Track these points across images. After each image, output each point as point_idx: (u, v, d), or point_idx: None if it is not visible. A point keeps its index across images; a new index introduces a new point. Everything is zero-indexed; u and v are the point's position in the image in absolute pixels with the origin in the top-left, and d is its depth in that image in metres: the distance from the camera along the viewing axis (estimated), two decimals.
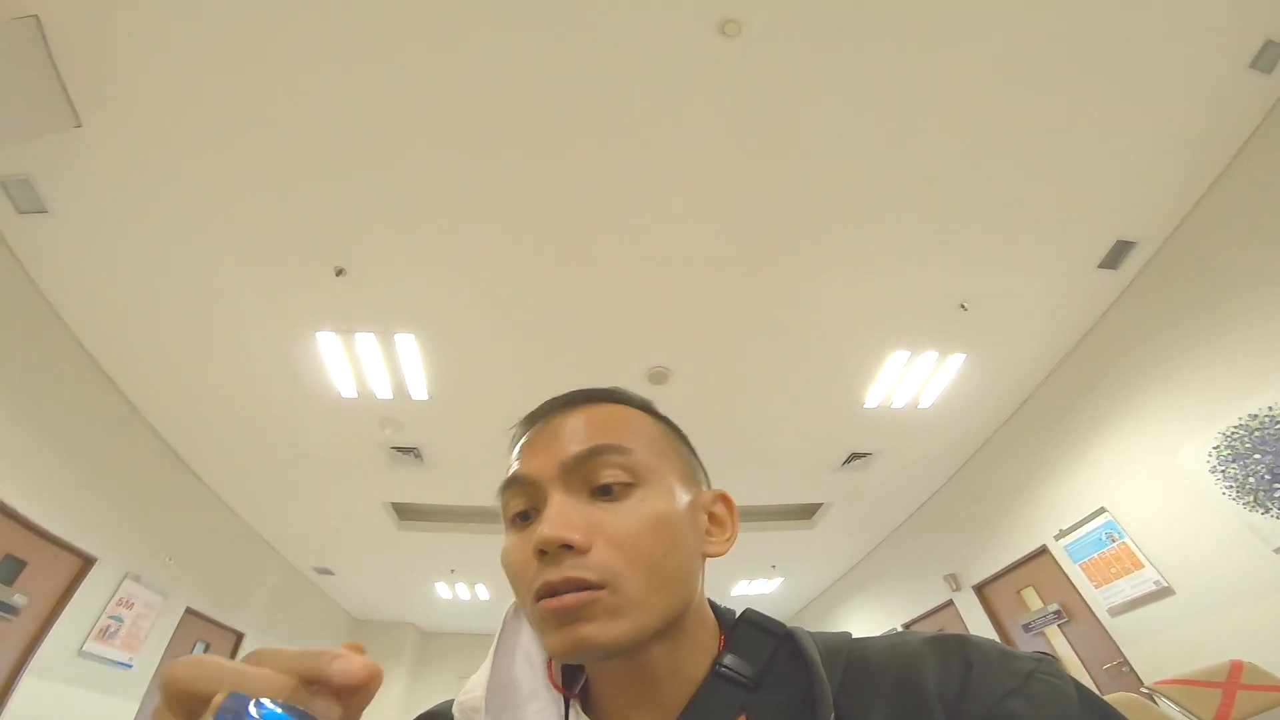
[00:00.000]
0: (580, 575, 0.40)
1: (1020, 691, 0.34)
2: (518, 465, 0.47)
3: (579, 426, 0.48)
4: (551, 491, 0.44)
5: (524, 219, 2.73)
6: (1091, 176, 2.78)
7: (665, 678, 0.43)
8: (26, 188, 2.52)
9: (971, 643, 0.39)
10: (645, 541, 0.42)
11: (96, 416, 3.62)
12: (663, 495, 0.45)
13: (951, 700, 0.35)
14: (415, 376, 3.49)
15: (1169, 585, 3.21)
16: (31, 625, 3.28)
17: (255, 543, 5.54)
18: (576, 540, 0.40)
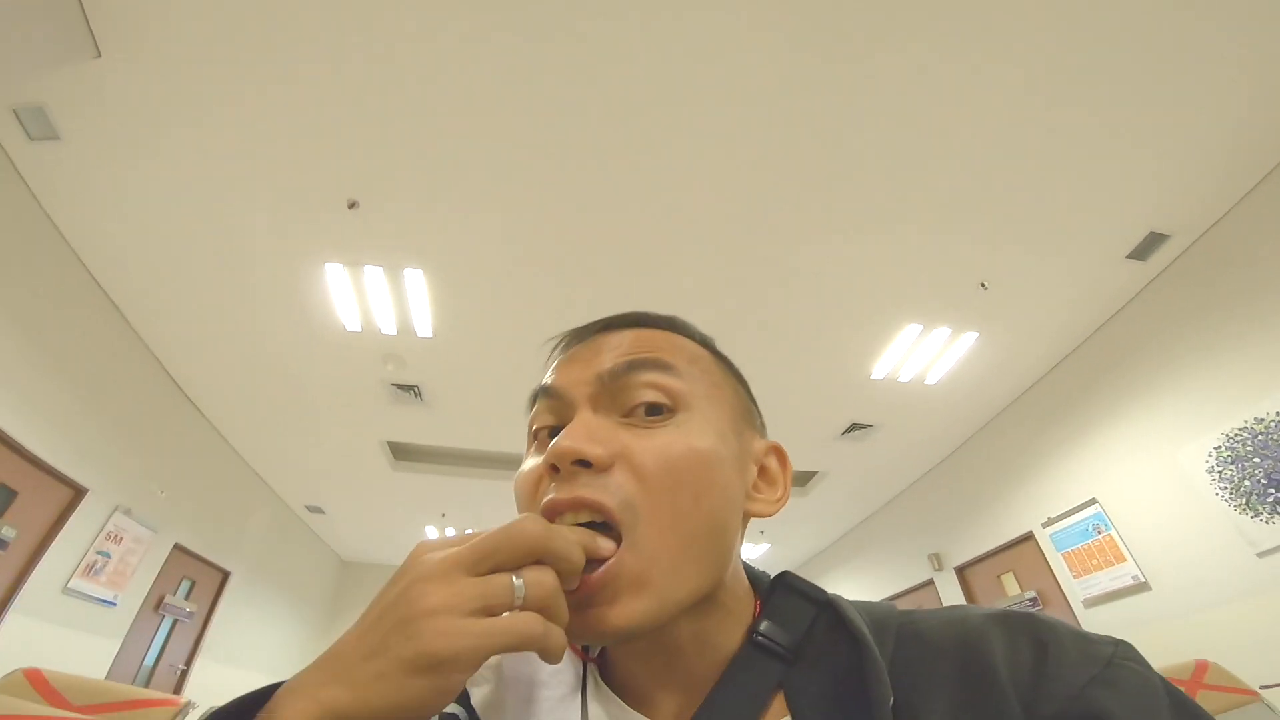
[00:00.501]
0: (591, 495, 0.35)
1: (1103, 680, 0.31)
2: (549, 378, 0.43)
3: (623, 342, 0.43)
4: (580, 407, 0.40)
5: (540, 162, 2.67)
6: (1131, 166, 2.71)
7: (691, 651, 0.39)
8: (40, 115, 2.52)
9: (1042, 621, 0.35)
10: (674, 477, 0.36)
11: (99, 343, 3.57)
12: (705, 430, 0.39)
13: (1025, 686, 0.31)
14: (421, 313, 3.46)
15: (1147, 581, 3.26)
16: (18, 561, 3.24)
17: (248, 478, 5.54)
18: (596, 455, 0.36)
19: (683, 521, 0.36)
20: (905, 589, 5.59)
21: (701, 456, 0.38)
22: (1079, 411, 3.83)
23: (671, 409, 0.39)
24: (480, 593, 0.28)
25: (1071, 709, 0.30)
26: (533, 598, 0.29)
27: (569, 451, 0.35)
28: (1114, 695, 0.30)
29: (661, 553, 0.35)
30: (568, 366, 0.43)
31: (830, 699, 0.35)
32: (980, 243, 3.07)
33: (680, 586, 0.35)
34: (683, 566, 0.35)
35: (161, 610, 4.53)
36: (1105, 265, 3.24)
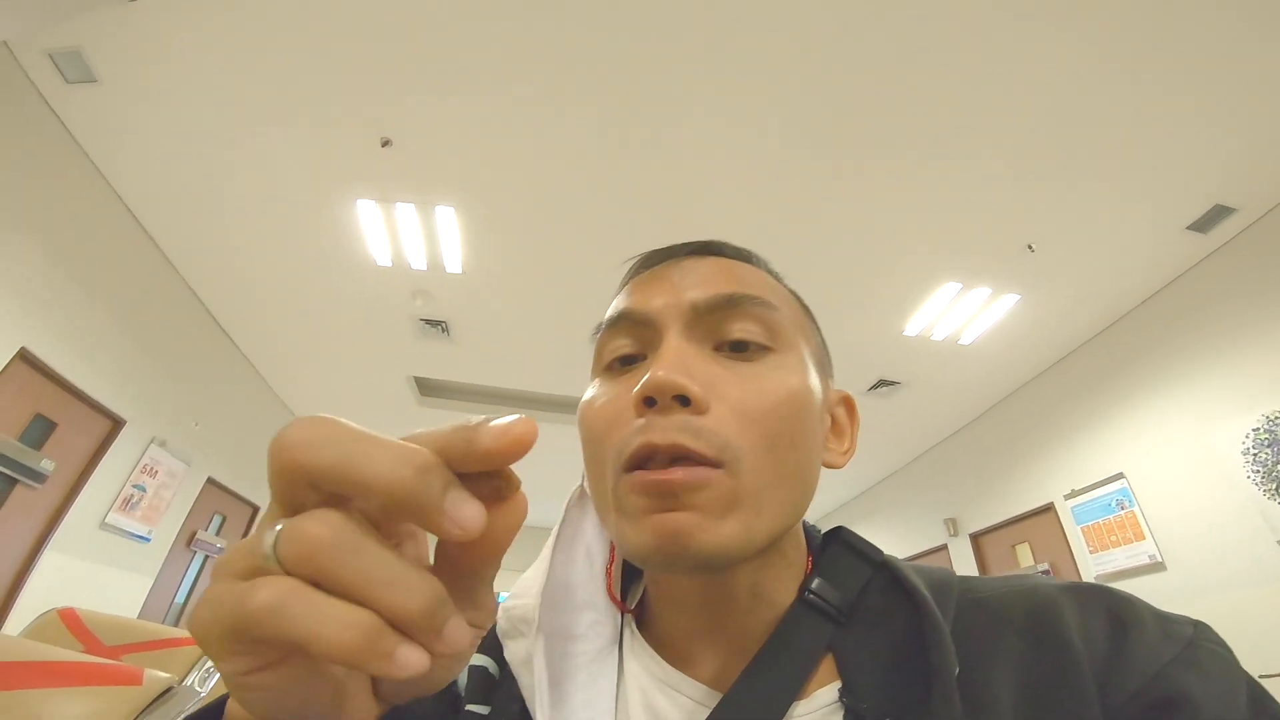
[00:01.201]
0: (691, 443, 0.32)
1: (1184, 660, 0.30)
2: (630, 300, 0.40)
3: (715, 271, 0.40)
4: (669, 333, 0.36)
5: (577, 102, 2.64)
6: (1201, 136, 2.59)
7: (744, 602, 0.36)
8: (76, 59, 2.55)
9: (1119, 595, 0.33)
10: (774, 417, 0.34)
11: (136, 277, 3.62)
12: (800, 370, 0.37)
13: (1102, 662, 0.30)
14: (451, 249, 3.49)
15: (1163, 561, 3.25)
16: (56, 495, 3.33)
17: (279, 411, 5.65)
18: (696, 393, 0.33)
19: (779, 465, 0.34)
20: (917, 552, 5.63)
21: (800, 400, 0.36)
22: (1115, 382, 3.75)
23: (769, 348, 0.37)
24: (240, 549, 0.19)
25: (1152, 688, 0.29)
26: (286, 555, 0.18)
27: (670, 385, 0.32)
28: (1197, 677, 0.29)
29: (758, 487, 0.33)
30: (650, 290, 0.40)
31: (885, 665, 0.33)
32: (1032, 204, 2.96)
33: (769, 519, 0.34)
34: (774, 502, 0.34)
35: (193, 546, 4.65)
36: (1163, 235, 3.13)
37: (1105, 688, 0.29)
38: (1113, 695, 0.29)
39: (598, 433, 0.36)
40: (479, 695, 0.38)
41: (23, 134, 2.76)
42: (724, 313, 0.37)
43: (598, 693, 0.36)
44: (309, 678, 0.20)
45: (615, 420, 0.35)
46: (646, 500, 0.32)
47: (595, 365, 0.41)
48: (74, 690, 0.60)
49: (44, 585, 3.23)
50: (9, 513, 3.06)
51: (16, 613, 3.08)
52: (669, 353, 0.35)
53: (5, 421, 2.92)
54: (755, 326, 0.37)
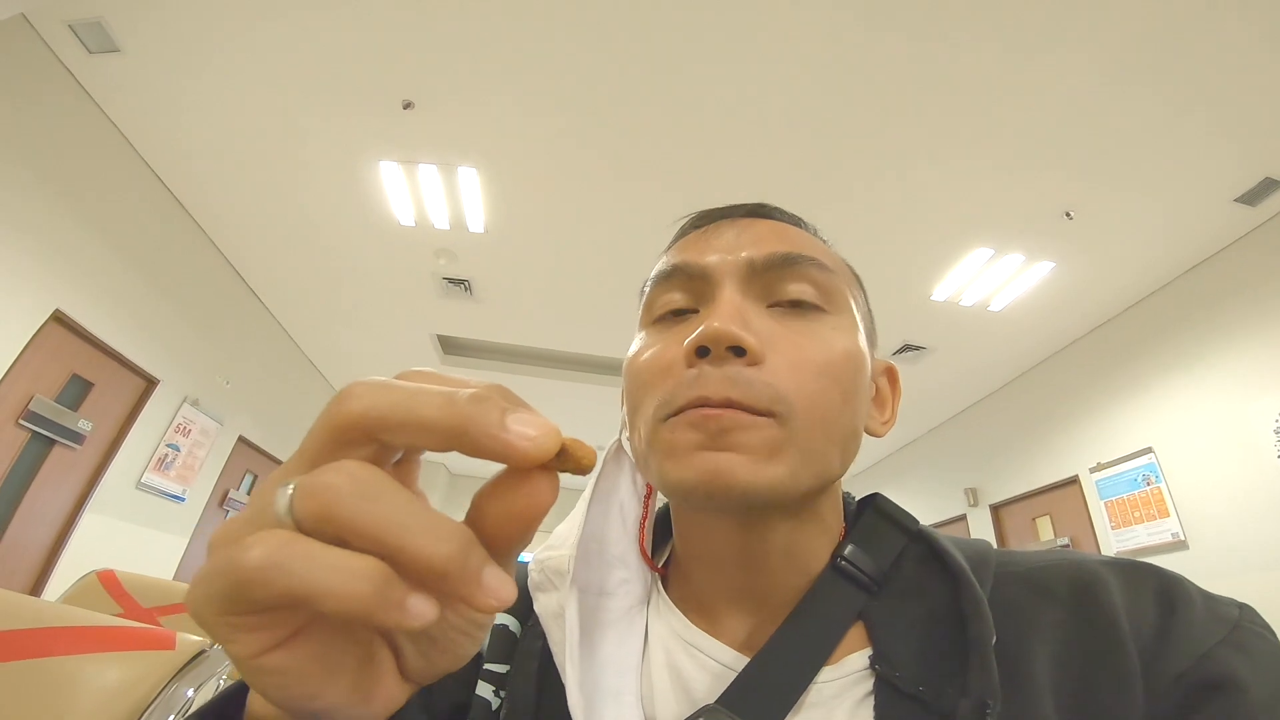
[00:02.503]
0: (743, 398, 0.32)
1: (1231, 642, 0.29)
2: (685, 254, 0.39)
3: (770, 232, 0.40)
4: (725, 287, 0.36)
5: (599, 61, 2.60)
6: (1253, 107, 2.47)
7: (778, 563, 0.36)
8: (98, 29, 2.60)
9: (1168, 575, 0.33)
10: (828, 374, 0.34)
11: (165, 239, 3.69)
12: (852, 333, 0.38)
13: (1148, 640, 0.29)
14: (474, 209, 3.52)
15: (1185, 540, 3.20)
16: (94, 455, 3.43)
17: (306, 370, 5.77)
18: (751, 344, 0.32)
19: (828, 421, 0.34)
20: (938, 522, 5.61)
21: (854, 359, 0.36)
22: (1149, 354, 3.65)
23: (823, 309, 0.37)
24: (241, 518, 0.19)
25: (1199, 669, 0.28)
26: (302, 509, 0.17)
27: (725, 335, 0.32)
28: (1244, 659, 0.28)
29: (807, 438, 0.33)
30: (704, 244, 0.39)
31: (920, 635, 0.32)
32: (1072, 170, 2.85)
33: (814, 469, 0.33)
34: (820, 455, 0.34)
35: (226, 506, 4.77)
36: (1208, 207, 3.01)
37: (1150, 667, 0.29)
38: (1158, 675, 0.28)
39: (644, 381, 0.36)
40: (500, 654, 0.39)
41: (49, 104, 2.80)
42: (779, 271, 0.37)
43: (626, 652, 0.36)
44: (328, 656, 0.19)
45: (665, 370, 0.35)
46: (696, 436, 0.32)
47: (644, 317, 0.41)
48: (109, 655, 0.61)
49: (83, 546, 3.34)
50: (48, 474, 3.16)
51: (58, 573, 3.21)
52: (725, 304, 0.35)
53: (43, 382, 3.00)
54: (810, 287, 0.37)
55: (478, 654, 0.37)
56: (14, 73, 2.62)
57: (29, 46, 2.66)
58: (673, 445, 0.33)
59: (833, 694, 0.32)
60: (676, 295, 0.39)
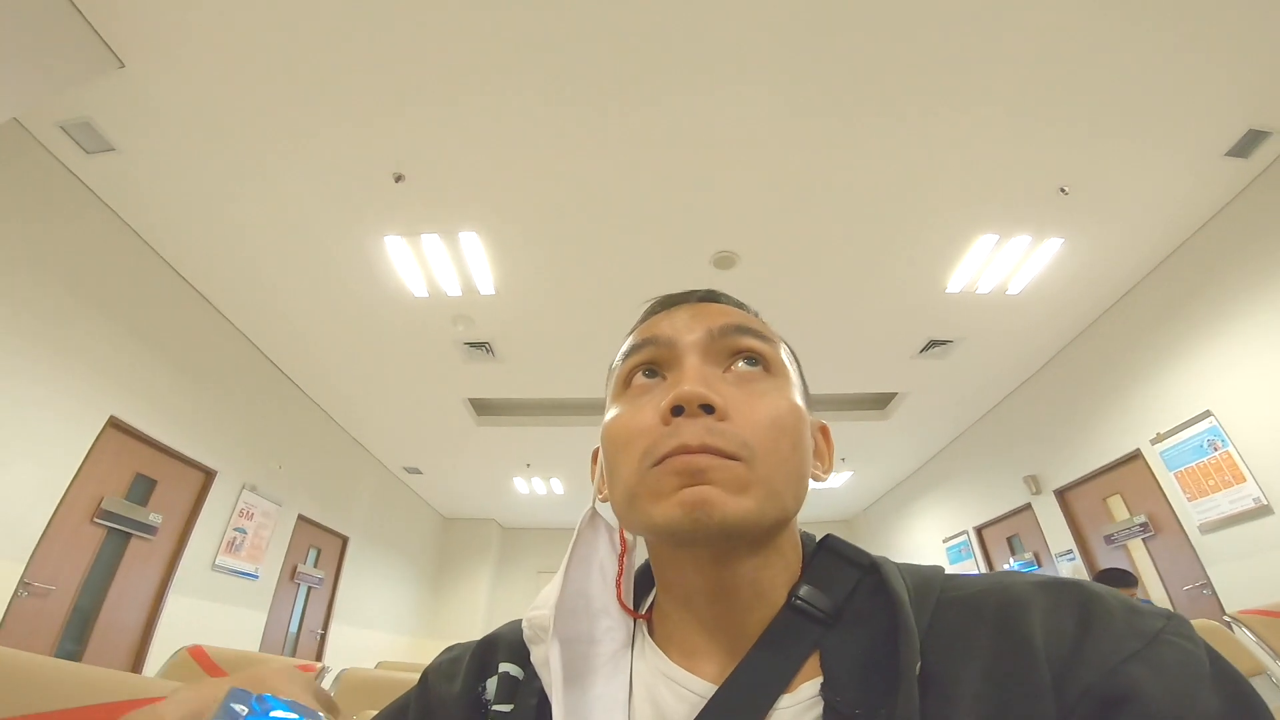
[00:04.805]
0: (718, 443, 0.37)
1: (1143, 656, 0.29)
2: (652, 330, 0.46)
3: (719, 312, 0.47)
4: (688, 355, 0.43)
5: (582, 103, 2.64)
6: (1227, 59, 2.42)
7: (747, 599, 0.40)
8: (88, 130, 2.69)
9: (1092, 591, 0.33)
10: (780, 426, 0.40)
11: (202, 337, 3.94)
12: (792, 393, 0.43)
13: (1062, 658, 0.30)
14: (482, 272, 3.62)
15: (1269, 504, 2.99)
16: (168, 544, 3.71)
17: (351, 447, 6.02)
18: (718, 402, 0.38)
19: (784, 463, 0.39)
20: (999, 515, 5.40)
21: (798, 413, 0.42)
22: (1184, 316, 3.49)
23: (769, 373, 0.43)
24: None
25: (1103, 685, 0.29)
26: None
27: (696, 395, 0.38)
28: (1151, 674, 0.28)
29: (769, 476, 0.38)
30: (667, 323, 0.46)
31: (863, 662, 0.35)
32: (1056, 143, 2.81)
33: (776, 502, 0.38)
34: (780, 491, 0.38)
35: (296, 579, 5.07)
36: (1201, 162, 2.92)
37: (1060, 683, 0.30)
38: (1067, 690, 0.29)
39: (624, 440, 0.41)
40: (505, 696, 0.44)
41: (60, 209, 2.92)
42: (732, 339, 0.43)
43: (613, 689, 0.40)
44: None
45: (644, 430, 0.40)
46: (678, 479, 0.36)
47: (616, 389, 0.46)
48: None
49: (172, 626, 3.60)
50: (130, 563, 3.43)
51: (153, 654, 3.45)
52: (691, 370, 0.41)
53: (110, 484, 3.27)
54: (756, 356, 0.44)
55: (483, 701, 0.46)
56: (22, 180, 2.73)
57: (28, 150, 2.75)
58: (658, 489, 0.37)
59: (789, 719, 0.35)
60: (646, 365, 0.45)
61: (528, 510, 8.48)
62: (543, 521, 9.04)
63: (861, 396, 5.48)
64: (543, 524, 9.16)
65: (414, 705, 0.48)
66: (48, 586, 2.91)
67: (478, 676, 0.46)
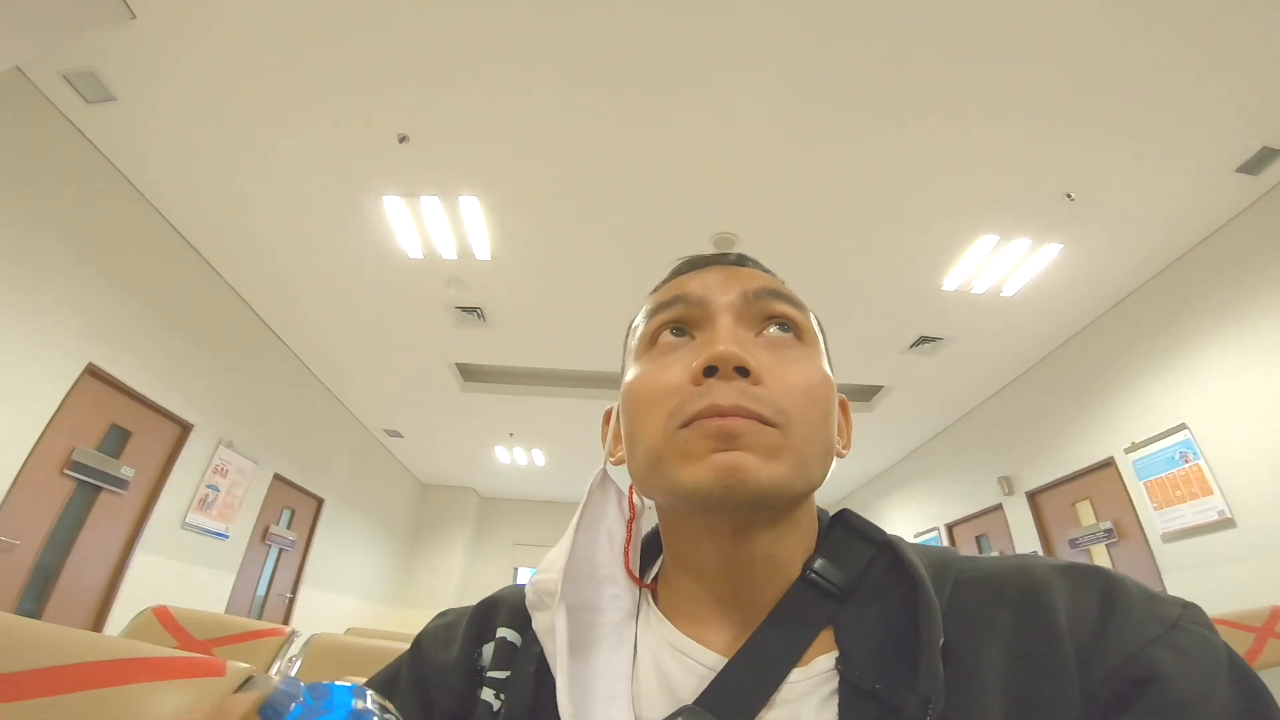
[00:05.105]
0: (753, 405, 0.36)
1: (1166, 641, 0.30)
2: (683, 287, 0.44)
3: (755, 275, 0.45)
4: (721, 315, 0.41)
5: (588, 80, 2.62)
6: (1248, 73, 2.43)
7: (761, 571, 0.39)
8: (91, 79, 2.66)
9: (1112, 577, 0.34)
10: (812, 395, 0.39)
11: (188, 288, 3.84)
12: (821, 363, 0.43)
13: (1086, 640, 0.31)
14: (479, 237, 3.59)
15: (1232, 517, 3.09)
16: (139, 500, 3.60)
17: (333, 406, 5.92)
18: (754, 365, 0.37)
19: (815, 432, 0.38)
20: (971, 513, 5.52)
21: (829, 384, 0.41)
22: (1172, 330, 3.55)
23: (801, 341, 0.42)
24: None
25: (1128, 666, 0.29)
26: None
27: (732, 356, 0.36)
28: (1175, 658, 0.29)
29: (801, 444, 0.37)
30: (700, 281, 0.44)
31: (880, 637, 0.35)
32: (1068, 151, 2.82)
33: (806, 472, 0.37)
34: (811, 460, 0.37)
35: (268, 540, 4.97)
36: (1211, 178, 2.95)
37: (1085, 665, 0.30)
38: (1092, 671, 0.30)
39: (651, 400, 0.39)
40: (502, 662, 0.42)
41: (57, 158, 2.89)
42: (766, 303, 0.42)
43: (617, 660, 0.39)
44: None
45: (672, 389, 0.38)
46: (710, 442, 0.35)
47: (640, 347, 0.44)
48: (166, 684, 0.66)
49: (137, 585, 3.51)
50: (97, 518, 3.32)
51: (116, 612, 3.36)
52: (726, 331, 0.39)
53: (83, 434, 3.17)
54: (788, 322, 0.42)
55: (479, 667, 0.43)
56: (19, 128, 2.69)
57: (28, 99, 2.72)
58: (687, 451, 0.36)
59: (802, 693, 0.34)
60: (675, 324, 0.43)
61: (507, 481, 8.46)
62: (522, 493, 9.03)
63: (848, 387, 5.52)
64: (522, 495, 9.15)
65: (405, 672, 0.46)
66: (12, 541, 2.81)
67: (475, 642, 0.45)
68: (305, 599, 5.59)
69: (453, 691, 0.42)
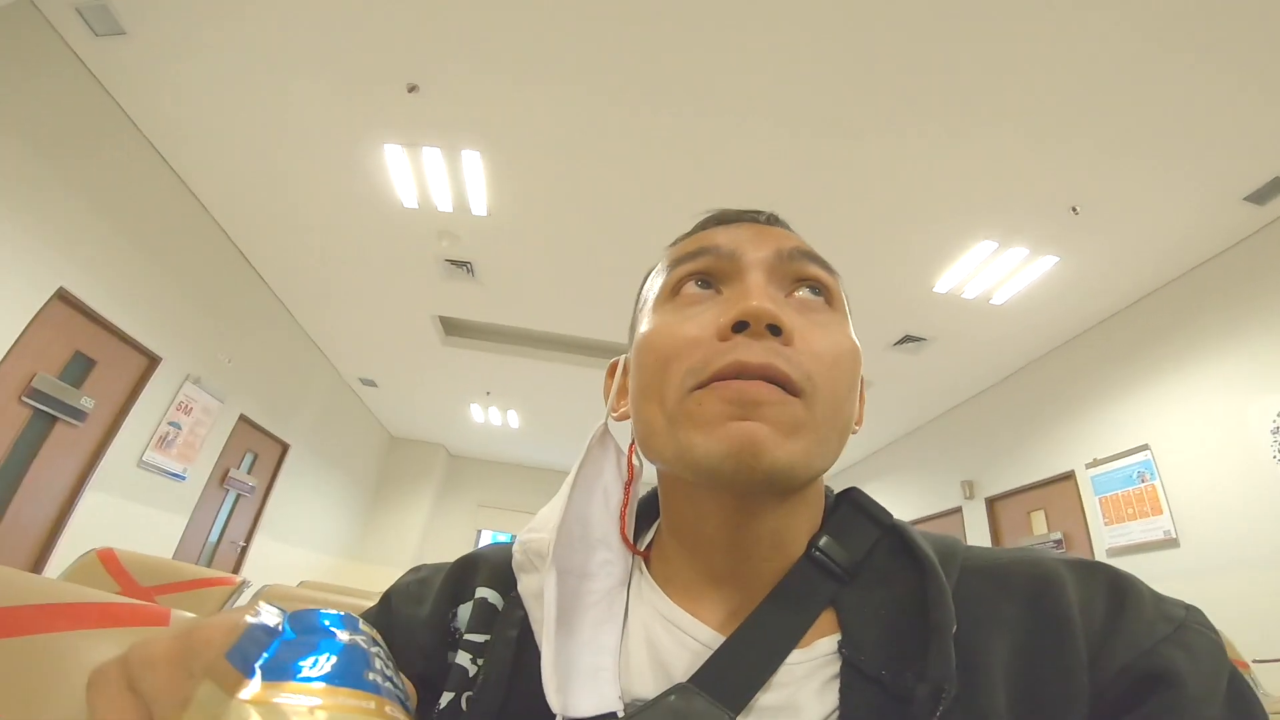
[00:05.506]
0: (783, 366, 0.34)
1: (1175, 640, 0.30)
2: (713, 239, 0.41)
3: (789, 235, 0.43)
4: (754, 271, 0.38)
5: (606, 49, 2.61)
6: (1266, 105, 2.46)
7: (765, 548, 0.37)
8: (103, 12, 2.64)
9: (1121, 575, 0.34)
10: (841, 365, 0.37)
11: (169, 217, 3.70)
12: (851, 332, 0.41)
13: (1097, 634, 0.31)
14: (477, 192, 3.54)
15: (1176, 538, 3.23)
16: (96, 433, 3.43)
17: (307, 348, 5.76)
18: (787, 324, 0.35)
19: (839, 406, 0.36)
20: (932, 514, 5.66)
21: (856, 355, 0.39)
22: (1150, 352, 3.65)
23: (831, 308, 0.40)
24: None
25: (1141, 663, 0.30)
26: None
27: (765, 313, 0.34)
28: (1185, 656, 0.30)
29: (823, 420, 0.35)
30: (732, 234, 0.41)
31: (886, 621, 0.34)
32: (1079, 165, 2.83)
33: (824, 451, 0.35)
34: (830, 438, 0.36)
35: (226, 484, 4.79)
36: (1217, 204, 2.98)
37: (1097, 659, 0.30)
38: (1103, 667, 0.30)
39: (670, 353, 0.37)
40: (480, 625, 0.40)
41: (53, 86, 2.82)
42: (800, 264, 0.40)
43: (605, 631, 0.37)
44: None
45: (694, 343, 0.36)
46: (727, 408, 0.33)
47: (661, 295, 0.41)
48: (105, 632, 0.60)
49: (84, 525, 3.35)
50: (50, 451, 3.16)
51: (59, 551, 3.21)
52: (758, 287, 0.37)
53: (46, 360, 3.02)
54: (820, 286, 0.40)
55: (452, 628, 0.40)
56: (19, 55, 2.62)
57: (35, 29, 2.68)
58: (702, 416, 0.34)
59: (802, 675, 0.33)
60: (700, 275, 0.40)
61: (479, 440, 8.40)
62: (492, 454, 8.98)
63: None
64: (492, 456, 9.09)
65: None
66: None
67: (450, 601, 0.42)
68: (259, 548, 5.46)
69: (420, 652, 0.40)
